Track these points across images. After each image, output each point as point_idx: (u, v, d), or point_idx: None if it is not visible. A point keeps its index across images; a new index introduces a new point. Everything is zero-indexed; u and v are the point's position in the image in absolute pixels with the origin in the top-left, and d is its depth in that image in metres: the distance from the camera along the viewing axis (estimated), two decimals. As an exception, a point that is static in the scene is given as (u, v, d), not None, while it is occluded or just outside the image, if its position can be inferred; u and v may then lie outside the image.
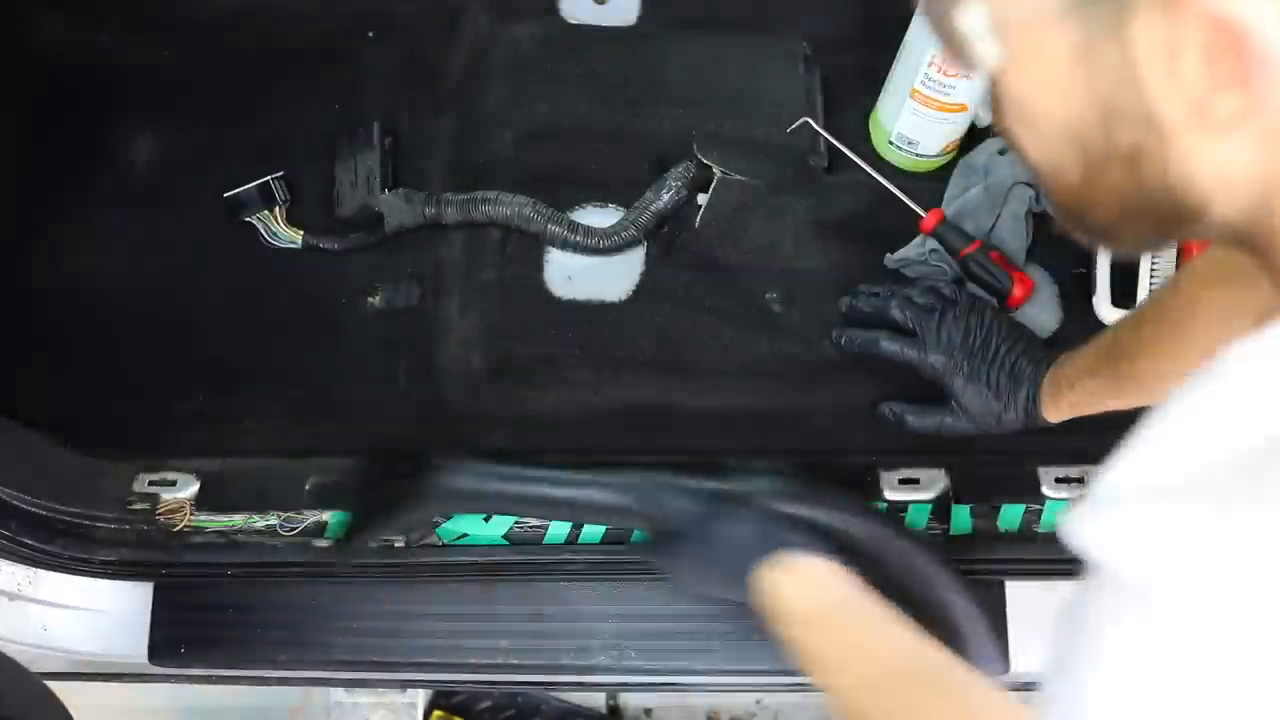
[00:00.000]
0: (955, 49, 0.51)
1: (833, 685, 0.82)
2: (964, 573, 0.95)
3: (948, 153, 1.26)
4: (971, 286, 1.18)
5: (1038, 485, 1.08)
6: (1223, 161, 0.47)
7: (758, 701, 1.83)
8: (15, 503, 1.06)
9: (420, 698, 1.26)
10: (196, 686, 1.74)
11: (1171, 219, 0.51)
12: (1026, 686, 1.15)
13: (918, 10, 0.59)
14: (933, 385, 1.10)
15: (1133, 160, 0.49)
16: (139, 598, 1.09)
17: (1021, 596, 1.07)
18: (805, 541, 0.91)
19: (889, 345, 1.11)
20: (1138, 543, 0.45)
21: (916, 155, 1.25)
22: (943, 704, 0.75)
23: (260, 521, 1.10)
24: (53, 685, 1.03)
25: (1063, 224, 0.57)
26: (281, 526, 1.09)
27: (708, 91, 1.31)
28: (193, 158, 1.31)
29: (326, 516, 1.09)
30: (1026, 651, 1.05)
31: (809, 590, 0.88)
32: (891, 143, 1.25)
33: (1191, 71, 0.44)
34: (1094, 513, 0.48)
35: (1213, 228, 0.51)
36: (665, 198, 1.22)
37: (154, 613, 1.09)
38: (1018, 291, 1.17)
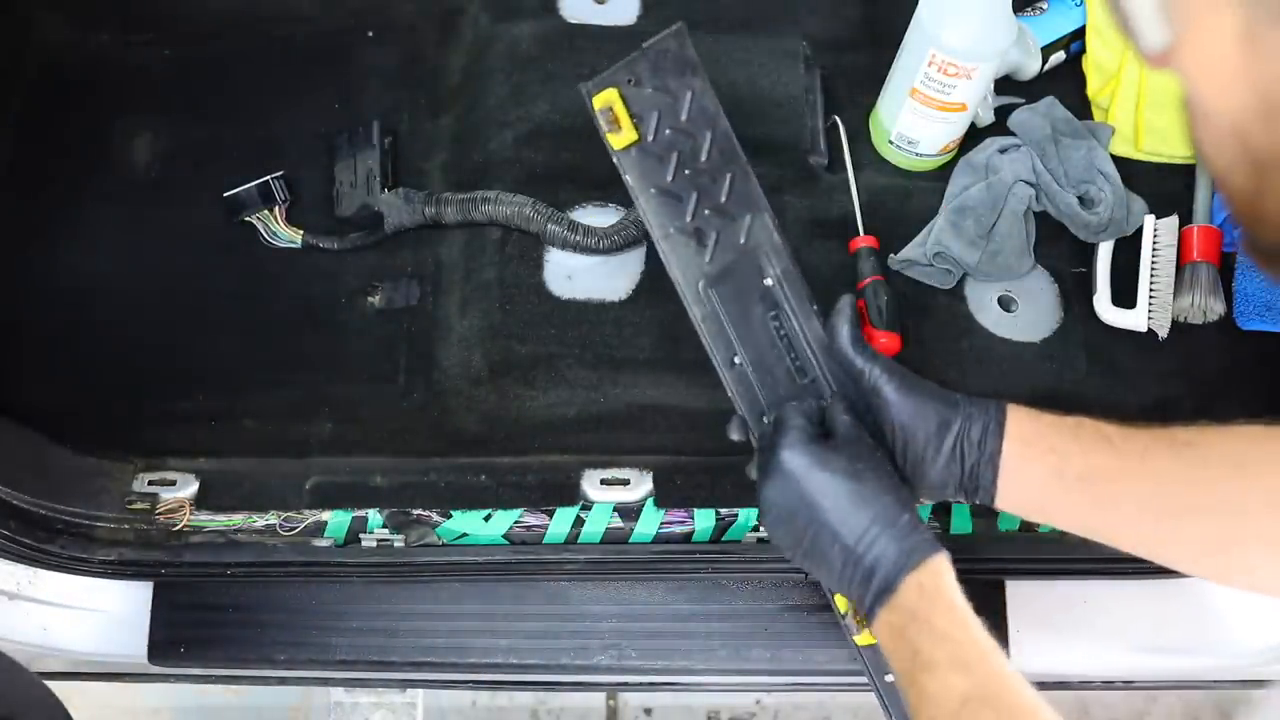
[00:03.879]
0: (1124, 28, 0.48)
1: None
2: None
3: (947, 152, 1.26)
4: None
5: (1038, 485, 1.07)
6: None
7: (758, 701, 1.83)
8: (15, 502, 1.06)
9: (420, 698, 1.26)
10: (196, 686, 1.75)
11: None
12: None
13: None
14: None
15: None
16: (139, 597, 1.10)
17: (1021, 596, 1.07)
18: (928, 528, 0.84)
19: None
20: None
21: (916, 155, 1.25)
22: None
23: (260, 521, 1.10)
24: (53, 685, 1.03)
25: (1245, 247, 0.52)
26: (281, 526, 1.09)
27: (708, 91, 1.31)
28: (193, 158, 1.31)
29: (326, 516, 1.10)
30: (1027, 651, 1.06)
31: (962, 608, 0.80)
32: (891, 142, 1.26)
33: None
34: None
35: None
36: (665, 197, 1.22)
37: (154, 612, 1.09)
38: (882, 341, 1.16)
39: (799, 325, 0.95)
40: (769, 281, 0.95)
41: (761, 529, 1.08)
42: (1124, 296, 1.20)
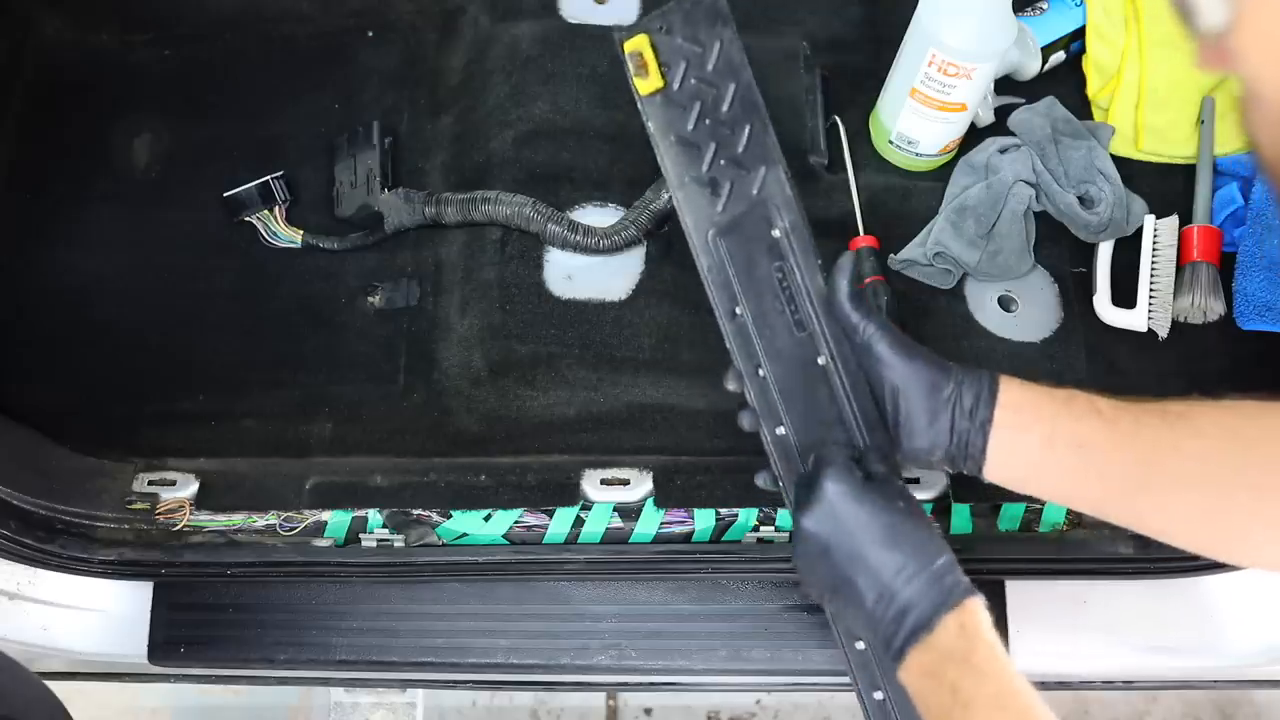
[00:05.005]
0: (1181, 7, 0.48)
1: None
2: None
3: (947, 152, 1.26)
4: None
5: (1038, 485, 1.07)
6: None
7: (758, 701, 1.83)
8: (15, 502, 1.06)
9: (420, 698, 1.26)
10: (196, 686, 1.75)
11: None
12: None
13: None
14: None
15: None
16: (139, 597, 1.09)
17: (1021, 596, 1.07)
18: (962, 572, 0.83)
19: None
20: None
21: (916, 155, 1.25)
22: None
23: (260, 521, 1.10)
24: (53, 685, 1.03)
25: None
26: (281, 526, 1.09)
27: (708, 91, 1.31)
28: (193, 158, 1.31)
29: (326, 516, 1.10)
30: (1027, 651, 1.06)
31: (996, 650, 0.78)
32: (891, 142, 1.26)
33: None
34: None
35: None
36: (665, 197, 1.22)
37: (154, 612, 1.09)
38: None
39: (802, 279, 0.94)
40: (776, 233, 0.94)
41: (762, 530, 1.08)
42: (1124, 296, 1.20)
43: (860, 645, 0.91)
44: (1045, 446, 0.85)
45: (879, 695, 0.90)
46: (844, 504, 0.83)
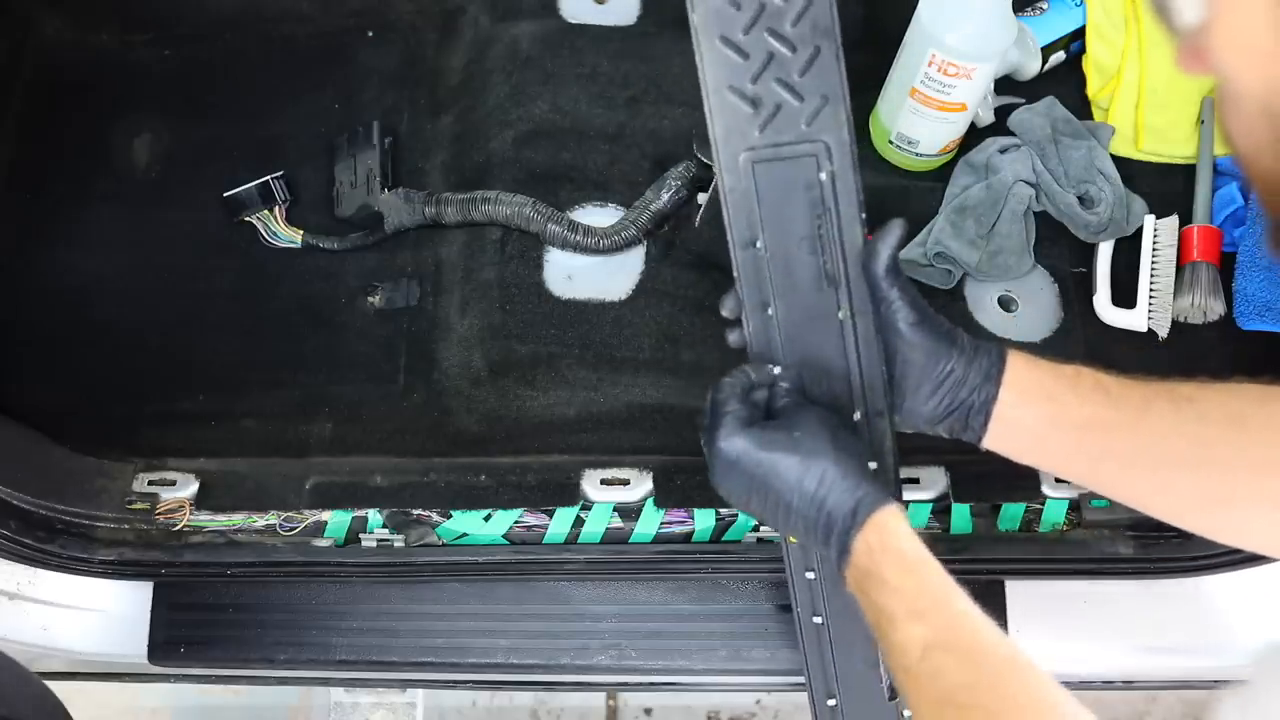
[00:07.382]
0: (1158, 5, 0.48)
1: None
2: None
3: (947, 152, 1.26)
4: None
5: (1038, 485, 1.08)
6: None
7: (758, 701, 1.83)
8: (15, 502, 1.06)
9: (420, 698, 1.26)
10: (196, 686, 1.75)
11: None
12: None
13: None
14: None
15: None
16: (139, 597, 1.10)
17: (1021, 596, 1.07)
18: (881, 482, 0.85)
19: None
20: None
21: (916, 155, 1.25)
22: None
23: (260, 521, 1.10)
24: (53, 685, 1.03)
25: (1269, 237, 0.52)
26: (281, 526, 1.09)
27: (708, 91, 1.30)
28: (193, 158, 1.31)
29: (326, 516, 1.10)
30: (1027, 651, 1.06)
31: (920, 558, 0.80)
32: (891, 142, 1.25)
33: None
34: None
35: None
36: (665, 197, 1.22)
37: (154, 612, 1.09)
38: None
39: (840, 231, 0.88)
40: (823, 176, 0.86)
41: (762, 529, 1.08)
42: (1124, 296, 1.20)
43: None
44: (1049, 426, 0.86)
45: (810, 575, 0.94)
46: (742, 456, 0.85)
